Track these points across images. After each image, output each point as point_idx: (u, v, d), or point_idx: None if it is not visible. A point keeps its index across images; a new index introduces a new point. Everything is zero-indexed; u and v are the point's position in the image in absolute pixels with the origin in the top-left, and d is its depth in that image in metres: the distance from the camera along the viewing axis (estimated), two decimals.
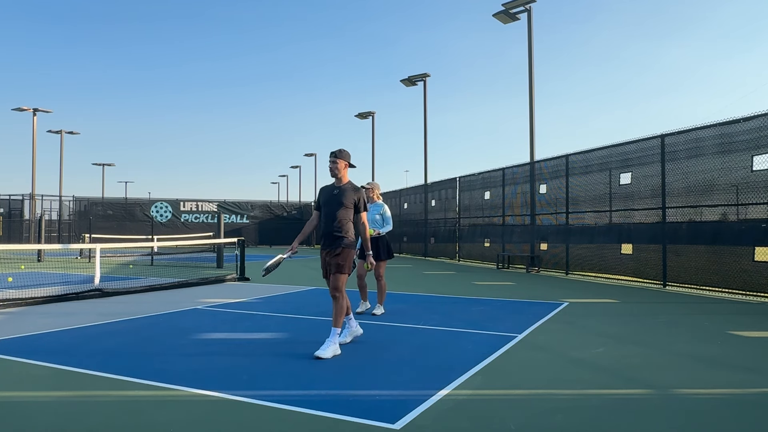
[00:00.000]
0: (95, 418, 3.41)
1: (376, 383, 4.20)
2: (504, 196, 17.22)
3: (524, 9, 16.87)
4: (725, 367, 4.77)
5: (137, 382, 4.17)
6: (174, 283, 10.98)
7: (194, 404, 3.68)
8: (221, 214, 19.78)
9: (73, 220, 33.20)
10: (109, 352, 5.19)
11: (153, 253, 21.07)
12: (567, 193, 14.19)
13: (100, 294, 9.33)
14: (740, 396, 3.92)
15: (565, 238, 14.25)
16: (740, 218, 9.60)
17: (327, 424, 3.32)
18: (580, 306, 8.43)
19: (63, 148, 35.21)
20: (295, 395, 3.87)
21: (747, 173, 9.39)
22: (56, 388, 4.08)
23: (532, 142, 16.55)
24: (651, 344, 5.66)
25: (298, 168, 50.84)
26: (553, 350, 5.39)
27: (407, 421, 3.35)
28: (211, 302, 8.77)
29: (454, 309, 8.09)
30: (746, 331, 6.37)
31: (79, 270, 15.48)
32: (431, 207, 22.86)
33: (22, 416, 3.46)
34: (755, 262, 9.20)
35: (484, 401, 3.77)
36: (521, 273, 14.86)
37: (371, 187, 7.67)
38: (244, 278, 12.35)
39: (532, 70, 16.73)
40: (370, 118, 31.13)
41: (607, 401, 3.78)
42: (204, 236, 27.28)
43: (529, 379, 4.33)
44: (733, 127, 9.69)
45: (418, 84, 25.45)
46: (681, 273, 10.68)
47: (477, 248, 19.05)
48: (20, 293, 9.02)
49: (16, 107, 31.57)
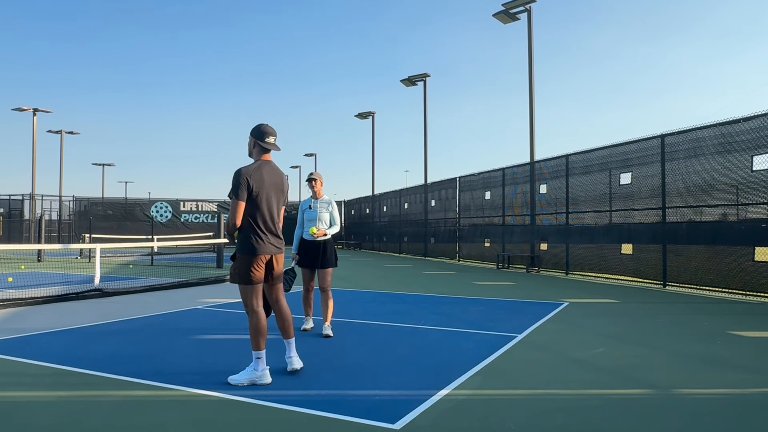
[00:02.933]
0: (95, 418, 3.41)
1: (376, 383, 4.20)
2: (504, 196, 17.22)
3: (524, 9, 16.88)
4: (725, 367, 4.77)
5: (137, 382, 4.17)
6: (174, 283, 10.98)
7: (194, 404, 3.68)
8: (221, 214, 19.77)
9: (73, 220, 33.20)
10: (109, 352, 5.19)
11: (153, 253, 21.07)
12: (567, 193, 14.19)
13: (100, 294, 9.33)
14: (740, 396, 3.91)
15: (565, 238, 14.25)
16: (740, 218, 9.60)
17: (327, 424, 3.31)
18: (580, 306, 8.43)
19: (63, 148, 35.24)
20: (295, 395, 3.86)
21: (747, 173, 9.38)
22: (56, 388, 4.07)
23: (532, 142, 16.56)
24: (651, 344, 5.66)
25: (298, 168, 50.88)
26: (553, 350, 5.39)
27: (407, 421, 3.35)
28: (211, 302, 8.77)
29: (454, 309, 8.08)
30: (746, 331, 6.37)
31: (79, 270, 15.48)
32: (431, 207, 22.85)
33: (22, 416, 3.46)
34: (755, 262, 9.20)
35: (484, 401, 3.77)
36: (521, 273, 14.86)
37: (315, 178, 6.21)
38: None
39: (532, 70, 16.74)
40: (370, 118, 31.15)
41: (607, 401, 3.78)
42: (204, 236, 27.28)
43: (529, 379, 4.33)
44: (733, 127, 9.69)
45: (418, 84, 25.45)
46: (681, 273, 10.68)
47: (477, 248, 19.05)
48: (20, 293, 9.02)
49: (16, 107, 31.61)
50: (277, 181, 4.35)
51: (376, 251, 29.01)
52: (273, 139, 4.36)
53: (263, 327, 4.19)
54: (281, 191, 4.39)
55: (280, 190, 4.38)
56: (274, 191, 4.31)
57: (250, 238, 4.20)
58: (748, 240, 9.31)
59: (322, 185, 6.26)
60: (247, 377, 4.12)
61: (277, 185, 4.33)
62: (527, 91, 16.82)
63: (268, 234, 4.25)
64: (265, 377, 4.13)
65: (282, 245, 4.40)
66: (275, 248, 4.30)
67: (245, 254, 4.20)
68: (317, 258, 6.11)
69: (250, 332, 4.20)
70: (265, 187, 4.23)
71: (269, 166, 4.34)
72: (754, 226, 9.19)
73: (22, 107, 31.55)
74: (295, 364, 4.39)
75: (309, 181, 6.20)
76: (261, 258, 4.21)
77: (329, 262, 6.15)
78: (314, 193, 6.23)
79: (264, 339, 4.19)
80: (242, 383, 4.09)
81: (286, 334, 4.41)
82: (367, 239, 31.28)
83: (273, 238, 4.29)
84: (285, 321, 4.39)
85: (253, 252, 4.18)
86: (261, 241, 4.21)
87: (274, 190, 4.30)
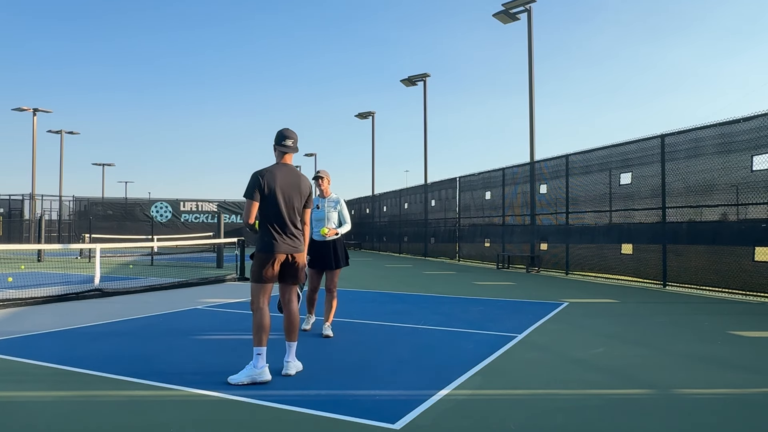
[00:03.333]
0: (95, 418, 3.41)
1: (376, 383, 4.20)
2: (504, 196, 17.22)
3: (524, 9, 16.88)
4: (725, 367, 4.77)
5: (137, 382, 4.17)
6: (174, 283, 10.98)
7: (194, 404, 3.68)
8: (221, 214, 19.79)
9: (73, 220, 33.21)
10: (109, 352, 5.19)
11: (153, 253, 21.07)
12: (567, 193, 14.19)
13: (100, 294, 9.33)
14: (740, 396, 3.91)
15: (565, 238, 14.25)
16: (740, 218, 9.60)
17: (327, 424, 3.31)
18: (580, 306, 8.43)
19: (63, 148, 35.25)
20: (295, 395, 3.86)
21: (747, 173, 9.38)
22: (56, 388, 4.07)
23: (532, 142, 16.56)
24: (651, 344, 5.66)
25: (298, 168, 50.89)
26: (553, 350, 5.39)
27: (407, 421, 3.35)
28: (211, 302, 8.77)
29: (454, 309, 8.08)
30: (746, 331, 6.37)
31: (79, 270, 15.48)
32: (431, 207, 22.85)
33: (22, 416, 3.46)
34: (755, 262, 9.20)
35: (484, 401, 3.77)
36: (521, 273, 14.86)
37: (322, 176, 6.06)
38: (244, 278, 12.35)
39: (532, 70, 16.74)
40: (370, 118, 31.15)
41: (607, 401, 3.78)
42: (204, 236, 27.28)
43: (529, 379, 4.33)
44: (733, 127, 9.69)
45: (418, 84, 25.45)
46: (681, 273, 10.68)
47: (477, 248, 19.05)
48: (20, 293, 9.02)
49: (16, 107, 31.62)
50: (294, 181, 4.40)
51: (376, 251, 29.01)
52: (291, 141, 4.43)
53: (266, 324, 4.22)
54: (299, 191, 4.41)
55: (298, 190, 4.41)
56: (292, 191, 4.36)
57: (265, 237, 4.30)
58: (748, 240, 9.31)
59: (330, 183, 6.12)
60: (246, 375, 4.13)
61: (294, 185, 4.38)
62: (527, 91, 16.83)
63: (283, 233, 4.31)
64: (264, 374, 4.14)
65: (301, 244, 4.44)
66: (291, 247, 4.34)
67: (259, 252, 4.32)
68: (328, 258, 6.01)
69: (253, 328, 4.23)
70: (278, 187, 4.29)
71: (286, 167, 4.42)
72: (754, 226, 9.19)
73: (22, 107, 31.56)
74: (290, 369, 4.37)
75: (315, 179, 6.06)
76: (275, 257, 4.28)
77: (340, 262, 6.08)
78: (321, 191, 6.09)
79: (266, 336, 4.21)
80: (242, 382, 4.09)
81: (289, 337, 4.43)
82: (367, 239, 31.29)
83: (289, 237, 4.34)
84: (291, 323, 4.43)
85: (265, 250, 4.28)
86: (275, 241, 4.28)
87: (290, 190, 4.35)
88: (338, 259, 6.06)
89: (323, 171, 6.09)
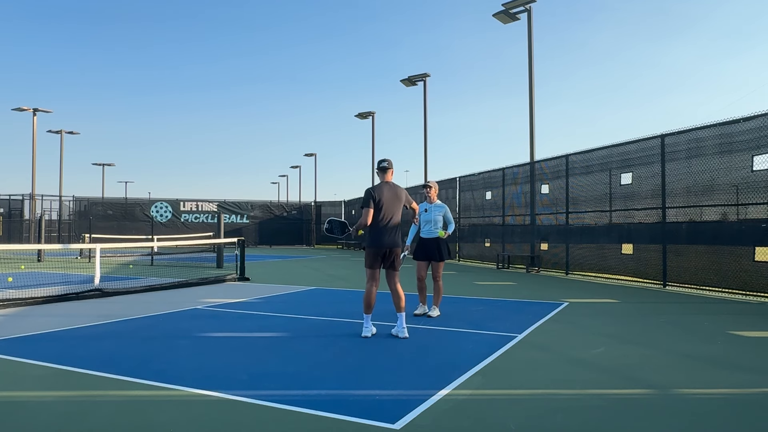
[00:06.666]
0: (95, 418, 3.41)
1: (376, 383, 4.20)
2: (504, 196, 17.22)
3: (524, 9, 16.86)
4: (725, 367, 4.77)
5: (137, 382, 4.17)
6: (174, 283, 10.98)
7: (194, 404, 3.68)
8: (221, 214, 19.78)
9: (73, 220, 33.18)
10: (109, 352, 5.19)
11: (153, 253, 21.07)
12: (567, 193, 14.18)
13: (100, 294, 9.33)
14: (740, 396, 3.91)
15: (566, 238, 14.25)
16: (740, 218, 9.60)
17: (327, 424, 3.31)
18: (580, 306, 8.42)
19: (63, 148, 35.23)
20: (295, 395, 3.87)
21: (747, 173, 9.38)
22: (56, 388, 4.08)
23: (532, 142, 16.55)
24: (651, 344, 5.66)
25: (298, 168, 50.90)
26: (553, 350, 5.39)
27: (407, 421, 3.35)
28: (211, 302, 8.77)
29: (454, 309, 8.08)
30: (746, 331, 6.37)
31: (79, 270, 15.48)
32: None
33: (22, 416, 3.46)
34: (755, 262, 9.19)
35: (484, 401, 3.77)
36: (521, 273, 14.86)
37: (431, 186, 7.50)
38: (244, 278, 12.35)
39: (532, 70, 16.73)
40: (370, 118, 31.13)
41: (607, 401, 3.78)
42: (204, 236, 27.27)
43: (529, 379, 4.33)
44: (733, 127, 9.69)
45: (418, 84, 25.44)
46: (681, 273, 10.68)
47: (477, 248, 19.05)
48: (20, 293, 9.02)
49: (16, 107, 31.57)
50: (397, 193, 6.02)
51: None
52: (385, 163, 6.11)
53: (370, 300, 5.89)
54: (399, 201, 6.03)
55: (398, 200, 6.02)
56: (393, 202, 5.96)
57: (372, 234, 5.89)
58: (748, 240, 9.30)
59: (437, 192, 7.56)
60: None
61: (397, 196, 6.00)
62: (527, 91, 16.81)
63: (385, 233, 5.88)
64: (365, 332, 5.88)
65: (398, 241, 5.97)
66: (392, 243, 5.91)
67: (368, 246, 5.93)
68: (433, 252, 7.31)
69: (363, 301, 5.91)
70: (384, 198, 5.88)
71: (389, 184, 6.05)
72: (754, 226, 9.19)
73: (22, 107, 31.53)
74: (400, 333, 5.85)
75: (425, 188, 7.57)
76: (379, 250, 5.86)
77: (443, 255, 7.33)
78: (429, 198, 7.48)
79: (370, 309, 5.91)
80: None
81: (398, 309, 5.93)
82: None
83: (389, 236, 5.90)
84: (399, 299, 5.95)
85: (371, 244, 5.90)
86: (379, 238, 5.87)
87: (392, 201, 5.95)
88: (442, 253, 7.32)
89: (432, 182, 7.58)
